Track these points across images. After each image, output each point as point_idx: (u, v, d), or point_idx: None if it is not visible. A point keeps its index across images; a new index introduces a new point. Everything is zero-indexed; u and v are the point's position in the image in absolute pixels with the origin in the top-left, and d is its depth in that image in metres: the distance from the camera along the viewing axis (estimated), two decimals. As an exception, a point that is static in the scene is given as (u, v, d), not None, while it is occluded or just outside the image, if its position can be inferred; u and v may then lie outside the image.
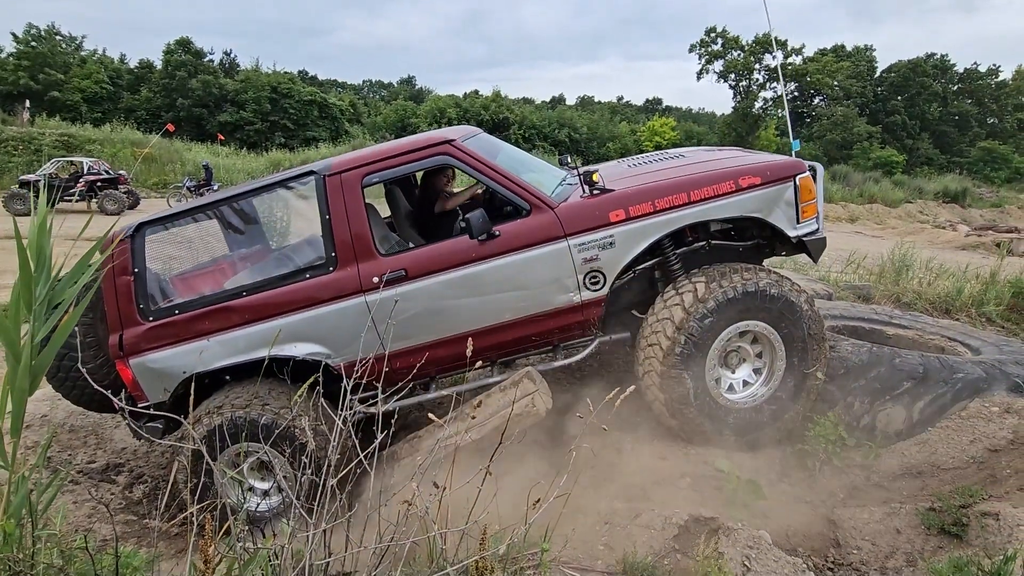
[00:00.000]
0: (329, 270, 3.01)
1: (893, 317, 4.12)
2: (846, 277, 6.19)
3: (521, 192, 3.02)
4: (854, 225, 20.33)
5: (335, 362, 3.04)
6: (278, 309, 3.00)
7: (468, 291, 2.99)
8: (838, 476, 2.98)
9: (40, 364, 1.61)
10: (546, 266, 2.97)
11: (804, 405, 3.04)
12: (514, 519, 1.73)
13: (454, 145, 3.04)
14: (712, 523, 2.30)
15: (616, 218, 2.96)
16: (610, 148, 38.59)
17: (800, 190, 3.01)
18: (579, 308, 3.04)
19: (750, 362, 3.09)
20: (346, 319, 2.98)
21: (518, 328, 3.06)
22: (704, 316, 2.91)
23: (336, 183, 3.02)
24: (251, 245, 3.40)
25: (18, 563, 1.34)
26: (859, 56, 42.44)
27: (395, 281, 2.95)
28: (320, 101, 35.68)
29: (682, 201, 2.97)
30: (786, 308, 2.93)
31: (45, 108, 27.70)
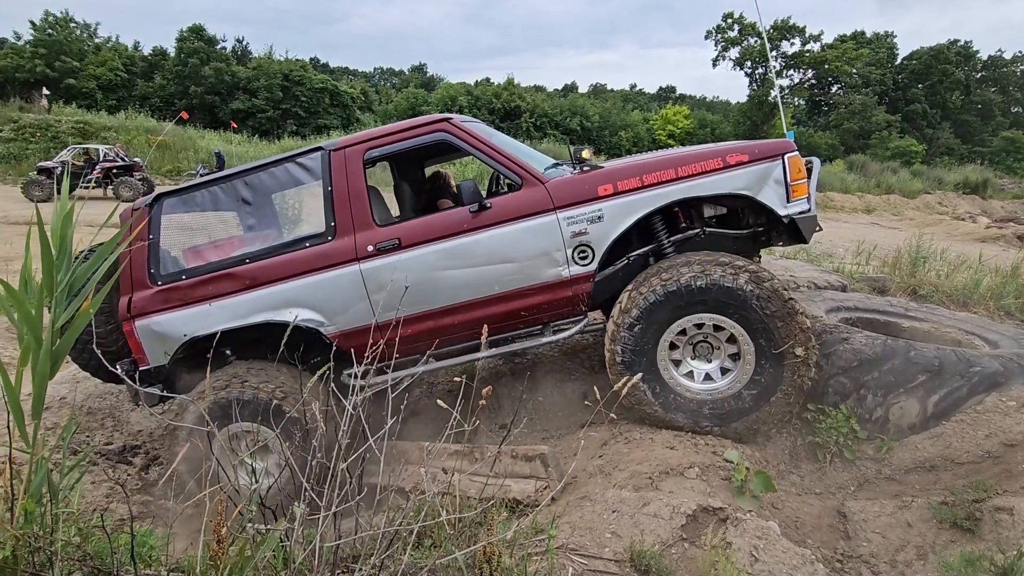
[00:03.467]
0: (328, 239, 3.16)
1: (909, 309, 4.05)
2: (861, 268, 6.10)
3: (513, 167, 3.14)
4: (871, 216, 20.01)
5: (328, 330, 3.18)
6: (278, 275, 3.14)
7: (459, 262, 3.09)
8: (849, 469, 2.96)
9: (61, 349, 1.64)
10: (536, 238, 3.04)
11: (791, 387, 2.91)
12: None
13: (452, 123, 3.20)
14: (720, 513, 2.29)
15: (604, 192, 3.02)
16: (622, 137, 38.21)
17: (789, 168, 3.01)
18: (568, 283, 3.09)
19: (723, 350, 3.07)
20: (341, 286, 3.12)
21: (508, 301, 3.12)
22: (631, 325, 2.97)
23: (340, 157, 3.20)
24: (259, 217, 3.51)
25: (38, 539, 1.38)
26: (879, 43, 41.48)
27: (388, 250, 3.09)
28: (332, 89, 35.67)
29: (670, 177, 3.01)
30: (723, 295, 2.87)
31: (61, 95, 27.99)
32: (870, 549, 2.47)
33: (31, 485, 1.60)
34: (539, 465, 2.94)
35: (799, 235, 3.08)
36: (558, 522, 2.30)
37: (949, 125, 40.20)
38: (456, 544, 1.71)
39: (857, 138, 37.25)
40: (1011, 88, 40.82)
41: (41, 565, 1.49)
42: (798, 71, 38.95)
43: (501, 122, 35.57)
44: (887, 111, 38.51)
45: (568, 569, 1.89)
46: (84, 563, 1.39)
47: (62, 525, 1.55)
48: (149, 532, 2.00)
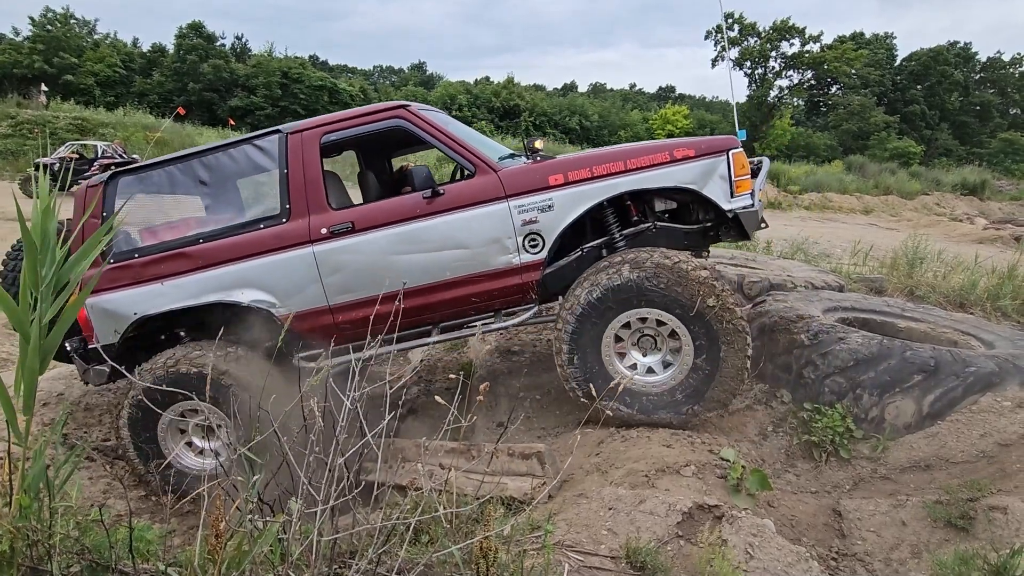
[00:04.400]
0: (282, 221, 3.20)
1: (905, 310, 4.07)
2: (858, 269, 6.12)
3: (467, 155, 3.19)
4: (869, 217, 20.06)
5: (280, 311, 3.20)
6: (231, 255, 3.17)
7: (411, 246, 3.13)
8: (845, 467, 2.98)
9: (49, 345, 1.64)
10: (487, 225, 3.10)
11: (733, 366, 2.94)
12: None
13: (409, 110, 3.23)
14: (716, 511, 2.30)
15: (555, 182, 3.09)
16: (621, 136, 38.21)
17: (734, 165, 3.10)
18: (518, 270, 3.15)
19: (665, 344, 3.13)
20: (293, 267, 3.15)
21: (460, 287, 3.16)
22: (576, 318, 3.05)
23: (297, 140, 3.23)
24: (215, 198, 3.51)
25: (36, 533, 1.38)
26: (878, 44, 41.56)
27: (342, 233, 3.13)
28: (330, 86, 35.62)
29: (619, 168, 3.09)
30: (638, 292, 2.95)
31: (59, 92, 27.89)
32: (865, 547, 2.48)
33: (27, 480, 1.61)
34: (535, 463, 2.95)
35: (740, 224, 3.17)
36: (554, 519, 2.31)
37: (947, 126, 40.31)
38: (452, 540, 1.72)
39: (856, 139, 37.33)
40: (1009, 90, 40.93)
41: (39, 559, 1.49)
42: (797, 72, 39.02)
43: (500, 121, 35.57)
44: (886, 112, 38.60)
45: (564, 566, 1.90)
46: (82, 556, 1.39)
47: (60, 519, 1.56)
48: (147, 527, 2.00)
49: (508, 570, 1.63)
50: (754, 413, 3.35)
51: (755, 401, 3.41)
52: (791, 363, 3.35)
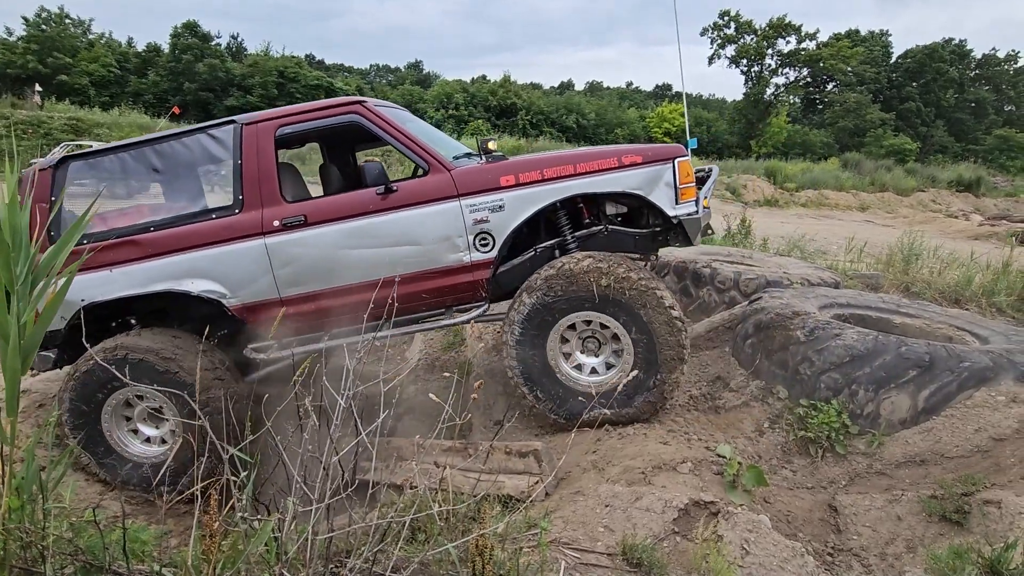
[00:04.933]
0: (235, 212, 3.20)
1: (901, 306, 4.08)
2: (854, 265, 6.14)
3: (421, 153, 3.23)
4: (865, 214, 20.10)
5: (231, 303, 3.22)
6: (182, 245, 3.17)
7: (363, 241, 3.16)
8: (841, 463, 2.99)
9: (30, 344, 1.61)
10: (439, 223, 3.15)
11: (661, 322, 3.06)
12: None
13: (365, 106, 3.26)
14: (712, 507, 2.31)
15: (506, 183, 3.15)
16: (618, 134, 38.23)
17: (679, 172, 3.19)
18: (469, 268, 3.20)
19: (608, 344, 3.23)
20: (244, 259, 3.17)
21: (411, 283, 3.19)
22: (516, 344, 3.18)
23: (252, 132, 3.23)
24: (167, 186, 3.50)
25: (29, 534, 1.38)
26: (874, 41, 41.64)
27: (295, 226, 3.15)
28: (326, 86, 35.52)
29: (568, 172, 3.16)
30: (576, 298, 3.09)
31: (53, 92, 27.75)
32: (860, 542, 2.49)
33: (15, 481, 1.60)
34: (532, 461, 2.95)
35: (683, 230, 3.26)
36: (551, 517, 2.31)
37: (943, 123, 40.43)
38: (449, 538, 1.72)
39: (852, 136, 37.41)
40: (1004, 86, 41.08)
41: (33, 560, 1.49)
42: (793, 69, 39.07)
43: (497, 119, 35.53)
44: (882, 109, 38.69)
45: (561, 563, 1.90)
46: (76, 558, 1.39)
47: (54, 520, 1.55)
48: (143, 528, 1.99)
49: (504, 568, 1.63)
50: (750, 410, 3.35)
51: (751, 398, 3.42)
52: (787, 359, 3.36)
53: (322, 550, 1.51)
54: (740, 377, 3.61)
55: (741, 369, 3.70)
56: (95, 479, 3.26)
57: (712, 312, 4.73)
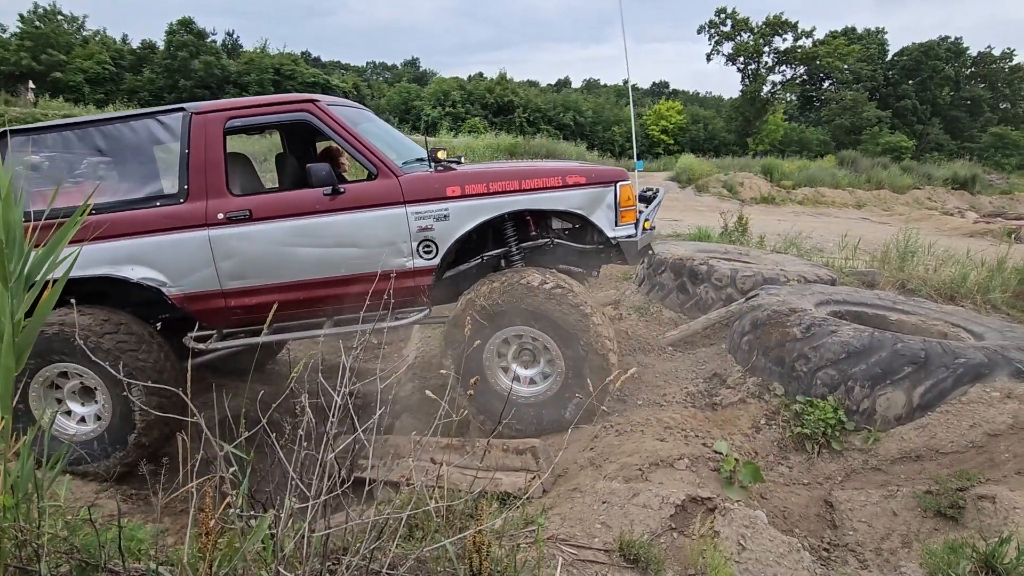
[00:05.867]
0: (179, 201, 3.21)
1: (897, 303, 4.09)
2: (850, 263, 6.15)
3: (370, 156, 3.25)
4: (861, 211, 20.15)
5: (171, 291, 3.25)
6: (123, 230, 3.17)
7: (307, 240, 3.20)
8: (837, 459, 3.00)
9: (24, 342, 1.60)
10: (383, 228, 3.21)
11: (594, 362, 3.17)
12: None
13: (317, 105, 3.29)
14: (709, 503, 2.31)
15: (452, 193, 3.21)
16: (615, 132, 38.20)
17: (620, 195, 3.31)
18: (411, 274, 3.27)
19: (543, 355, 3.34)
20: (187, 249, 3.18)
21: (353, 284, 3.25)
22: (450, 356, 3.30)
23: (201, 122, 3.23)
24: (113, 168, 3.49)
25: (24, 533, 1.37)
26: (870, 39, 41.68)
27: (239, 220, 3.18)
28: (323, 83, 35.37)
29: (513, 187, 3.24)
30: (503, 312, 3.21)
31: (48, 89, 27.57)
32: (856, 538, 2.50)
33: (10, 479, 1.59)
34: (530, 458, 2.95)
35: (621, 252, 3.38)
36: (549, 513, 2.31)
37: (939, 121, 40.52)
38: (446, 535, 1.72)
39: (848, 133, 37.47)
40: (1000, 84, 41.16)
41: (28, 559, 1.48)
42: (790, 67, 39.11)
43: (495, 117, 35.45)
44: (878, 107, 38.75)
45: (558, 559, 1.91)
46: (71, 556, 1.38)
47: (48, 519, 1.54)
48: (139, 526, 1.99)
49: (501, 564, 1.63)
50: (747, 407, 3.36)
51: (748, 395, 3.43)
52: (784, 356, 3.37)
53: (319, 547, 1.51)
54: (737, 374, 3.62)
55: (738, 366, 3.70)
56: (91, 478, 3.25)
57: (709, 309, 4.73)
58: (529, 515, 2.16)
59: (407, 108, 36.15)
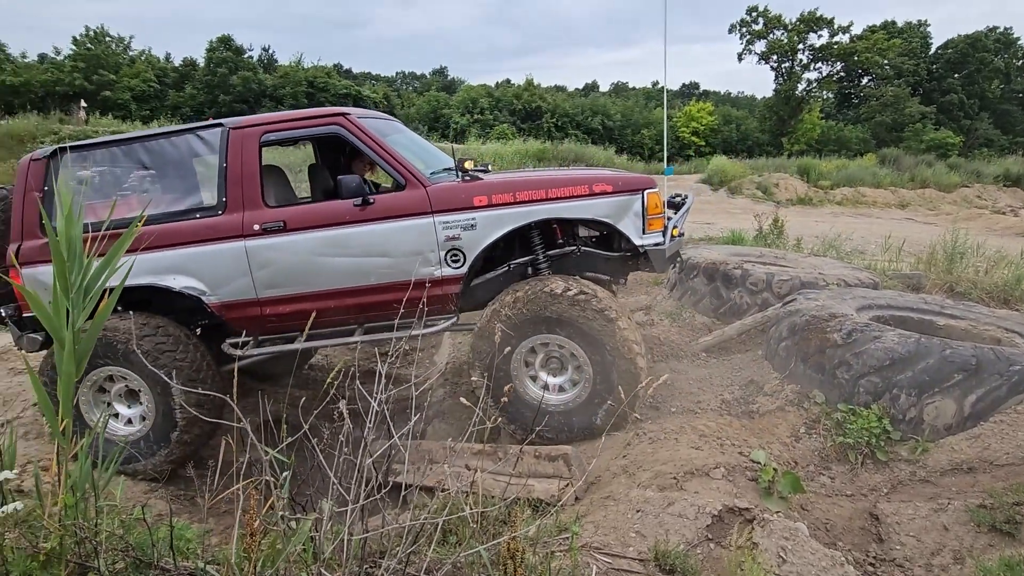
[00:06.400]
0: (218, 213, 3.32)
1: (945, 307, 3.92)
2: (893, 265, 5.93)
3: (399, 167, 3.31)
4: (905, 211, 19.38)
5: (210, 300, 3.35)
6: (166, 241, 3.29)
7: (339, 250, 3.27)
8: (882, 470, 2.89)
9: (83, 350, 1.70)
10: (412, 237, 3.25)
11: (622, 367, 3.15)
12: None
13: (348, 118, 3.37)
14: (747, 514, 2.26)
15: (479, 203, 3.24)
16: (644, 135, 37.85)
17: (647, 204, 3.28)
18: (439, 282, 3.29)
19: (570, 362, 3.32)
20: (225, 259, 3.29)
21: (382, 293, 3.31)
22: (478, 367, 3.30)
23: (238, 137, 3.34)
24: (156, 182, 3.61)
25: (83, 530, 1.45)
26: (911, 33, 40.17)
27: (274, 231, 3.26)
28: (355, 94, 36.25)
29: (540, 196, 3.25)
30: (528, 321, 3.21)
31: (98, 107, 29.08)
32: (904, 552, 2.40)
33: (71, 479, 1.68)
34: (562, 465, 2.94)
35: (648, 260, 3.34)
36: (582, 521, 2.30)
37: (988, 115, 38.68)
38: (480, 541, 1.73)
39: (889, 131, 36.15)
40: (1054, 75, 39.06)
41: (86, 555, 1.56)
42: (826, 64, 38.00)
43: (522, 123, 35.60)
44: (921, 102, 37.27)
45: (592, 567, 1.89)
46: (127, 554, 1.45)
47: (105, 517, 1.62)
48: (186, 526, 2.07)
49: (536, 571, 1.64)
50: (785, 415, 3.27)
51: (786, 402, 3.34)
52: (824, 363, 3.27)
53: (357, 550, 1.54)
54: (774, 381, 3.53)
55: (775, 373, 3.61)
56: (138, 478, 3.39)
57: (744, 314, 4.63)
58: (562, 522, 2.16)
59: (436, 116, 36.66)
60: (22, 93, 30.00)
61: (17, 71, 30.88)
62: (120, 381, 3.38)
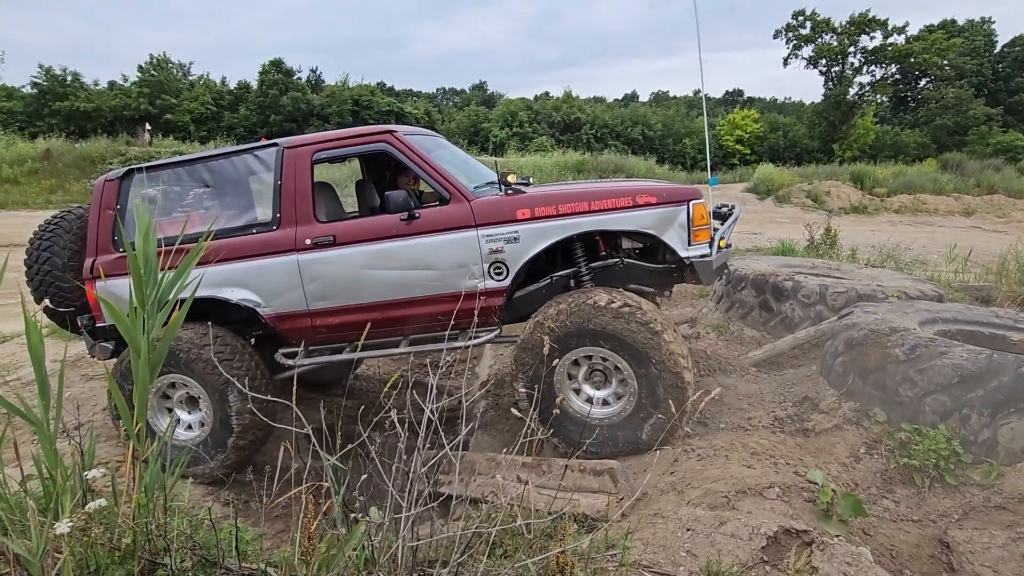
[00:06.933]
0: (272, 228, 3.45)
1: (1018, 321, 3.67)
2: (960, 276, 5.60)
3: (443, 182, 3.38)
4: (970, 219, 18.28)
5: (264, 311, 3.48)
6: (225, 255, 3.43)
7: (385, 263, 3.33)
8: (952, 495, 2.71)
9: (156, 358, 1.81)
10: (456, 250, 3.29)
11: (668, 381, 3.10)
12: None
13: (394, 135, 3.46)
14: (805, 536, 2.17)
15: (522, 216, 3.26)
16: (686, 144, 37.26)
17: (693, 215, 3.23)
18: (483, 295, 3.30)
19: (614, 375, 3.26)
20: (279, 273, 3.41)
21: (427, 305, 3.36)
22: (522, 380, 3.29)
23: (292, 155, 3.48)
24: (216, 199, 3.77)
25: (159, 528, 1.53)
26: (974, 31, 38.14)
27: (324, 245, 3.37)
28: (397, 111, 37.31)
29: (583, 209, 3.25)
30: (571, 334, 3.18)
31: (161, 129, 31.02)
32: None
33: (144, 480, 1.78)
34: (608, 480, 2.90)
35: (694, 272, 3.26)
36: (630, 538, 2.25)
37: (1062, 116, 36.15)
38: (527, 554, 1.73)
39: (951, 135, 34.29)
40: None
41: (155, 553, 1.65)
42: (880, 66, 36.50)
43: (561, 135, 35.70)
44: (986, 104, 35.21)
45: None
46: (194, 552, 1.53)
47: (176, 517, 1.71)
48: (244, 529, 2.15)
49: (585, 587, 1.62)
50: (843, 433, 3.12)
51: (844, 420, 3.19)
52: (885, 380, 3.11)
53: (408, 558, 1.57)
54: (831, 398, 3.38)
55: (831, 389, 3.46)
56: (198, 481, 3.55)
57: (795, 328, 4.47)
58: (611, 538, 2.13)
59: (476, 131, 37.24)
60: (94, 118, 32.37)
61: (90, 98, 33.35)
62: (181, 388, 3.56)
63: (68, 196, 18.63)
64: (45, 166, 20.62)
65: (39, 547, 1.32)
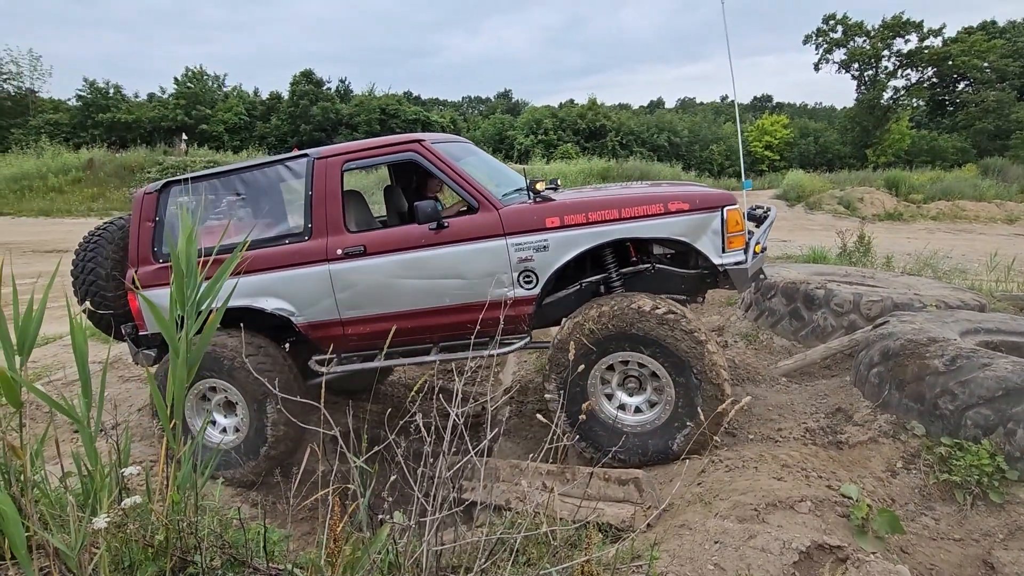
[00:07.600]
0: (304, 238, 3.49)
1: (1068, 332, 3.50)
2: (1003, 285, 5.37)
3: (472, 191, 3.36)
4: (1013, 226, 17.56)
5: (298, 320, 3.52)
6: (260, 266, 3.48)
7: (415, 272, 3.33)
8: (996, 513, 2.59)
9: (193, 358, 1.86)
10: (485, 259, 3.27)
11: (708, 392, 3.02)
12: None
13: (423, 144, 3.46)
14: (839, 552, 2.09)
15: (552, 224, 3.22)
16: (714, 151, 36.80)
17: (727, 221, 3.15)
18: (512, 303, 3.27)
19: (650, 382, 3.19)
20: (311, 282, 3.44)
21: (457, 313, 3.34)
22: (554, 381, 3.23)
23: (322, 166, 3.51)
24: (251, 209, 3.83)
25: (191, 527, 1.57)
26: (1016, 32, 36.80)
27: (355, 255, 3.39)
28: (423, 120, 37.82)
29: (613, 216, 3.18)
30: (611, 337, 3.10)
31: (196, 139, 32.11)
32: (1028, 609, 2.13)
33: (178, 479, 1.83)
34: (633, 489, 2.85)
35: (728, 279, 3.17)
36: (656, 549, 2.21)
37: (1112, 118, 34.49)
38: (551, 562, 1.71)
39: (992, 139, 33.08)
40: None
41: (187, 550, 1.69)
42: (915, 70, 35.49)
43: (586, 142, 35.64)
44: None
45: (668, 599, 1.82)
46: (224, 551, 1.56)
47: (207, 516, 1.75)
48: (271, 530, 2.19)
49: (610, 598, 1.59)
50: (879, 447, 3.02)
51: (880, 433, 3.08)
52: (923, 392, 3.00)
53: (431, 563, 1.57)
54: (865, 410, 3.27)
55: (866, 401, 3.35)
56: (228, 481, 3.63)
57: (827, 337, 4.35)
58: (636, 549, 2.09)
59: (501, 138, 37.46)
60: (133, 129, 33.69)
61: (130, 110, 34.74)
62: (221, 392, 3.64)
63: (108, 204, 19.41)
64: (88, 175, 21.54)
65: (77, 541, 1.37)
